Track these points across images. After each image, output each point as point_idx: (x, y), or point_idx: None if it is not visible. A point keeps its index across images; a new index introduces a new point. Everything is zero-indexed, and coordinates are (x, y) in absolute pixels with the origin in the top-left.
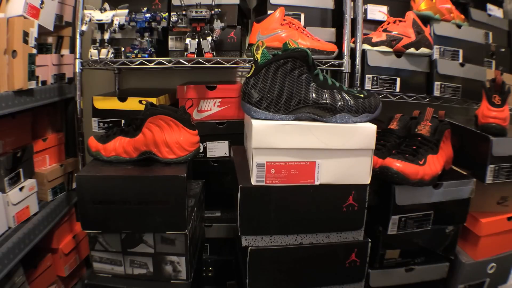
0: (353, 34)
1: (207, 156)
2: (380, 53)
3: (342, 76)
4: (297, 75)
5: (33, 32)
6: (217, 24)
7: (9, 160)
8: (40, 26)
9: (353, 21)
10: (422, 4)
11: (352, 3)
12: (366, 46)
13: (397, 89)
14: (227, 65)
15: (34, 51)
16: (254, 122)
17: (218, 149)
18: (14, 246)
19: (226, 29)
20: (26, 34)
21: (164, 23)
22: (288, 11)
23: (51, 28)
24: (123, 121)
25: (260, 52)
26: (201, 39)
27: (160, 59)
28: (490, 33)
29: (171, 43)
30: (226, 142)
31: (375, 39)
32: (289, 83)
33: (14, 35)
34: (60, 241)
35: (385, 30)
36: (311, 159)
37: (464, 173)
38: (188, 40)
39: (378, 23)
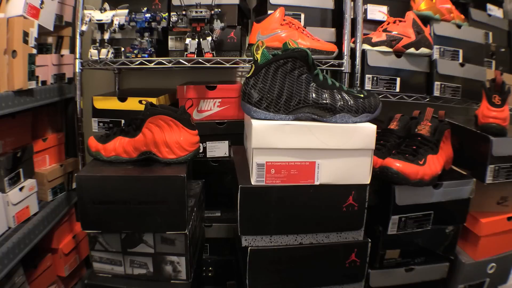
0: (353, 34)
1: (207, 156)
2: (380, 53)
3: (342, 76)
4: (297, 75)
5: (33, 32)
6: (217, 24)
7: (9, 160)
8: (40, 26)
9: (353, 21)
10: (422, 4)
11: (352, 3)
12: (366, 46)
13: (397, 89)
14: (227, 65)
15: (34, 51)
16: (254, 122)
17: (218, 149)
18: (14, 246)
19: (226, 29)
20: (26, 34)
21: (164, 23)
22: (288, 11)
23: (51, 28)
24: (123, 121)
25: (260, 52)
26: (201, 39)
27: (160, 59)
28: (490, 33)
29: (171, 43)
30: (226, 142)
31: (375, 39)
32: (289, 83)
33: (14, 35)
34: (60, 241)
35: (385, 30)
36: (311, 159)
37: (464, 173)
38: (188, 40)
39: (378, 23)
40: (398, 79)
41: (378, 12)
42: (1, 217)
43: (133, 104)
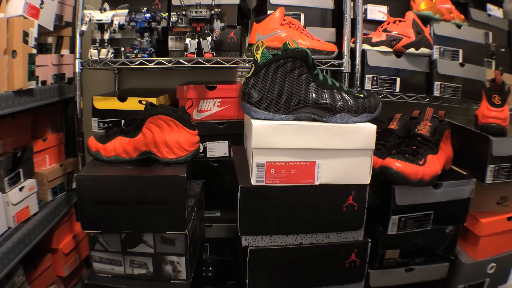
0: (353, 34)
1: (207, 156)
2: (380, 53)
3: (342, 76)
4: (297, 75)
5: (33, 32)
6: (217, 24)
7: (9, 160)
8: (40, 26)
9: (353, 21)
10: (422, 4)
11: (352, 3)
12: (366, 46)
13: (397, 89)
14: (227, 65)
15: (34, 51)
16: (254, 122)
17: (218, 149)
18: (14, 246)
19: (226, 29)
20: (26, 34)
21: (164, 23)
22: (288, 11)
23: (51, 28)
24: (123, 121)
25: (260, 52)
26: (201, 39)
27: (160, 59)
28: (490, 33)
29: (171, 43)
30: (226, 142)
31: (375, 39)
32: (289, 83)
33: (14, 35)
34: (60, 241)
35: (385, 30)
36: (311, 159)
37: (464, 173)
38: (188, 40)
39: (378, 23)
40: (398, 79)
41: (378, 12)
42: (1, 217)
43: (133, 104)
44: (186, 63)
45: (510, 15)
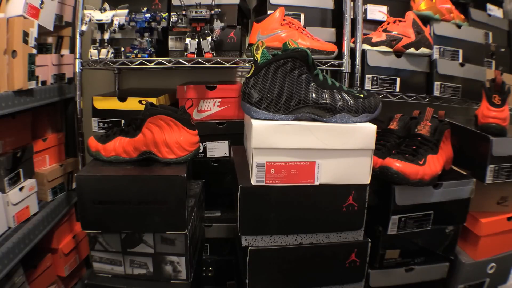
0: (353, 34)
1: (207, 156)
2: (380, 53)
3: (342, 76)
4: (297, 75)
5: (33, 32)
6: (217, 24)
7: (9, 160)
8: (40, 26)
9: (353, 21)
10: (422, 4)
11: (352, 3)
12: (366, 46)
13: (397, 89)
14: (227, 65)
15: (34, 51)
16: (254, 122)
17: (218, 149)
18: (14, 246)
19: (226, 29)
20: (26, 34)
21: (164, 23)
22: (288, 11)
23: (51, 28)
24: (123, 121)
25: (260, 52)
26: (201, 39)
27: (160, 59)
28: (490, 33)
29: (171, 43)
30: (226, 142)
31: (375, 39)
32: (289, 83)
33: (14, 35)
34: (60, 241)
35: (385, 30)
36: (311, 159)
37: (464, 173)
38: (188, 40)
39: (378, 23)
40: (398, 79)
41: (378, 12)
42: (1, 217)
43: (133, 104)
44: (186, 63)
45: (510, 15)
